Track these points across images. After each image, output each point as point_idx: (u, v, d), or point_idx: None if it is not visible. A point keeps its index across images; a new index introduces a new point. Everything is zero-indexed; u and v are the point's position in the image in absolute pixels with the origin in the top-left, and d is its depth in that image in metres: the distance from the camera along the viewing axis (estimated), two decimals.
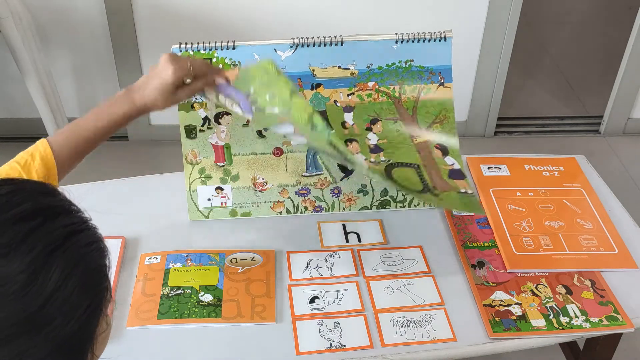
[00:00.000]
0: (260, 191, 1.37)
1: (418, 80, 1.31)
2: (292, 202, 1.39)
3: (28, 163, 1.01)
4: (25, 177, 0.97)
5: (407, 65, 1.30)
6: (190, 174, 1.35)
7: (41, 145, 1.04)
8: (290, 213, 1.39)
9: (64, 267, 0.59)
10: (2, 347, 0.56)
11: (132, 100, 1.09)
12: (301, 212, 1.40)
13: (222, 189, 1.37)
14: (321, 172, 1.38)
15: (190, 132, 1.31)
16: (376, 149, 1.32)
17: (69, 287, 0.59)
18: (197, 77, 1.09)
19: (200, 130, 1.31)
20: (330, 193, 1.39)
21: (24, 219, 0.59)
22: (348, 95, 1.31)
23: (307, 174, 1.38)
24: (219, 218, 1.39)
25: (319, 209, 1.39)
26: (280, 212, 1.39)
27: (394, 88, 1.32)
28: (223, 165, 1.35)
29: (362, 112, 1.32)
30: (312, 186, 1.38)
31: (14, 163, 1.01)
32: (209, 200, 1.37)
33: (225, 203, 1.38)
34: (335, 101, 1.31)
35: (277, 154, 1.35)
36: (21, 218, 0.59)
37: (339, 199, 1.39)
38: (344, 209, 1.41)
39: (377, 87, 1.31)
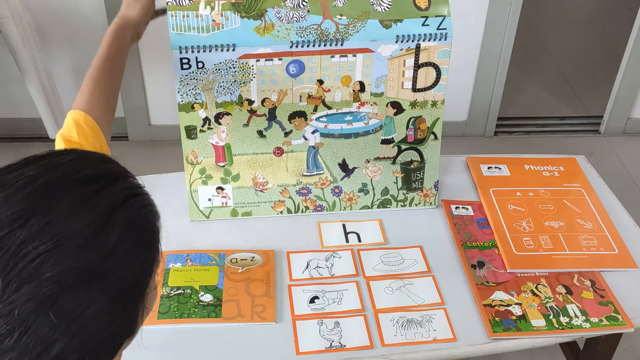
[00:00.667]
0: (260, 191, 1.37)
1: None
2: (293, 201, 1.39)
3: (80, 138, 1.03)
4: None
5: None
6: (191, 174, 1.35)
7: (78, 116, 1.05)
8: (291, 212, 1.40)
9: (123, 225, 0.65)
10: (68, 295, 0.60)
11: (130, 27, 1.18)
12: (302, 212, 1.40)
13: (222, 189, 1.37)
14: (322, 172, 1.38)
15: (191, 132, 1.31)
16: None
17: (127, 242, 0.65)
18: None
19: (201, 131, 1.31)
20: (331, 192, 1.39)
21: (89, 181, 0.65)
22: None
23: (308, 174, 1.38)
24: (219, 218, 1.39)
25: (319, 209, 1.39)
26: (281, 212, 1.39)
27: None
28: (224, 165, 1.35)
29: None
30: (313, 185, 1.38)
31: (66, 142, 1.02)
32: (209, 200, 1.37)
33: (226, 203, 1.38)
34: None
35: (278, 153, 1.35)
36: (86, 181, 0.65)
37: (340, 198, 1.39)
38: (344, 208, 1.41)
39: None
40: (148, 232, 0.70)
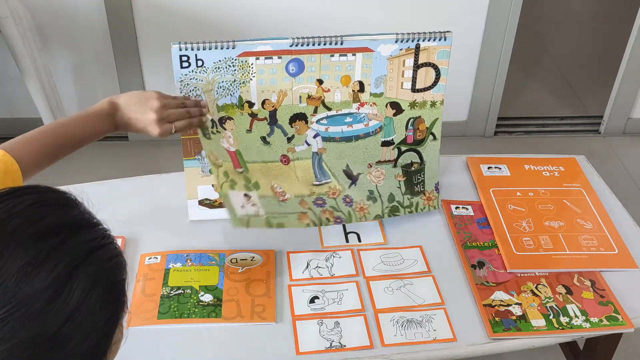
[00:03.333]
0: (282, 201, 1.33)
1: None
2: (314, 213, 1.34)
3: None
4: None
5: None
6: (217, 176, 1.26)
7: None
8: (316, 225, 1.34)
9: (86, 284, 0.59)
10: None
11: (114, 121, 1.13)
12: (324, 225, 1.35)
13: (249, 197, 1.31)
14: (329, 180, 1.36)
15: (205, 132, 1.28)
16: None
17: (90, 303, 0.59)
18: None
19: (212, 132, 1.29)
20: (343, 202, 1.37)
21: (47, 234, 0.59)
22: None
23: (317, 183, 1.37)
24: (257, 227, 1.28)
25: (339, 220, 1.35)
26: (308, 225, 1.32)
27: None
28: (242, 172, 1.31)
29: None
30: (325, 195, 1.35)
31: None
32: (242, 207, 1.28)
33: (258, 212, 1.29)
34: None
35: (285, 162, 1.34)
36: (44, 234, 0.58)
37: (352, 209, 1.36)
38: (359, 219, 1.36)
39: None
40: (113, 287, 0.63)
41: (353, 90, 1.31)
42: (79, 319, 0.58)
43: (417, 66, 1.30)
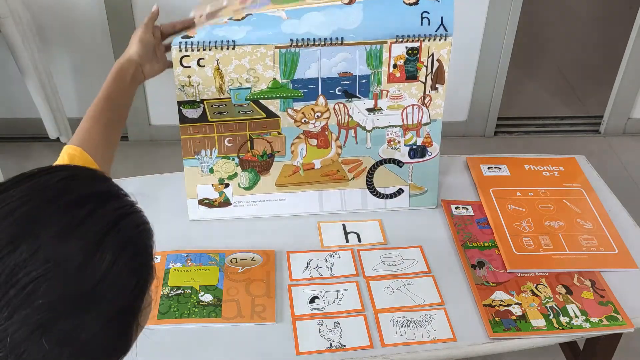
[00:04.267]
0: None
1: None
2: None
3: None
4: None
5: None
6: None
7: (73, 151, 1.03)
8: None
9: (116, 248, 0.63)
10: (60, 321, 0.59)
11: (130, 63, 1.20)
12: None
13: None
14: None
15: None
16: None
17: (120, 266, 0.63)
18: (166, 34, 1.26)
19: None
20: None
21: (80, 203, 0.63)
22: None
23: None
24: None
25: None
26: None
27: None
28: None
29: None
30: None
31: None
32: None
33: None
34: None
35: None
36: (77, 203, 0.63)
37: None
38: None
39: None
40: (141, 252, 0.67)
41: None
42: (111, 280, 0.62)
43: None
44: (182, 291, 1.22)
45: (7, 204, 0.61)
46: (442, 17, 1.26)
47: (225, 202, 1.40)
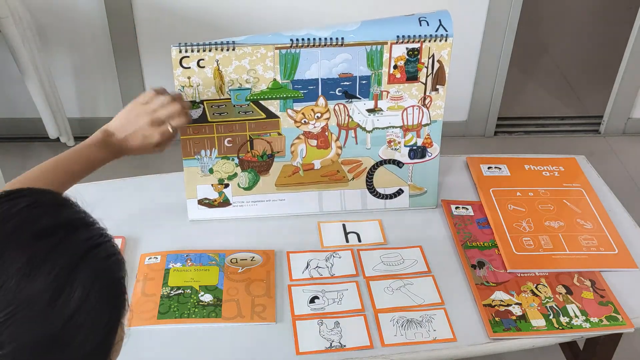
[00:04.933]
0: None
1: None
2: None
3: None
4: None
5: None
6: None
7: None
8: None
9: (86, 283, 0.58)
10: None
11: (112, 148, 1.13)
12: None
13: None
14: None
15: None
16: None
17: (91, 302, 0.58)
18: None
19: None
20: None
21: (44, 235, 0.58)
22: None
23: None
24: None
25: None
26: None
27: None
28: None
29: None
30: None
31: None
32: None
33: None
34: None
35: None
36: (41, 234, 0.58)
37: None
38: None
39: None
40: (113, 285, 0.62)
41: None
42: (81, 318, 0.57)
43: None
44: (182, 291, 1.22)
45: None
46: (440, 20, 1.27)
47: (225, 202, 1.40)
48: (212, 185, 1.38)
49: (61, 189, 1.06)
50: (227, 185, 1.38)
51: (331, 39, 1.26)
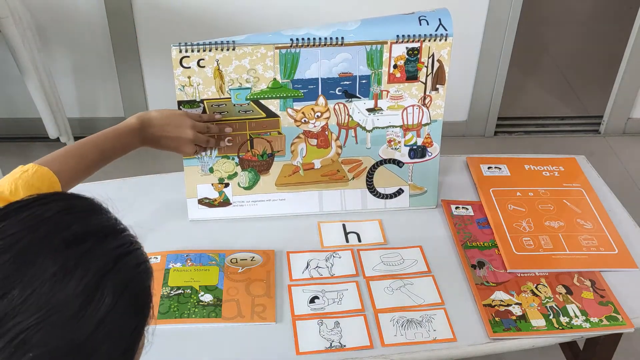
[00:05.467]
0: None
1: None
2: None
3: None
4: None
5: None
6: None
7: (34, 168, 1.01)
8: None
9: (116, 290, 0.58)
10: None
11: (144, 138, 1.21)
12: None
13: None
14: None
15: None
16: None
17: (119, 309, 0.58)
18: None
19: None
20: None
21: (75, 242, 0.58)
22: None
23: None
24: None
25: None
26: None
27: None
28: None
29: None
30: None
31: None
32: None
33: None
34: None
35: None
36: (73, 241, 0.58)
37: None
38: None
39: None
40: (141, 294, 0.63)
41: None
42: (109, 326, 0.57)
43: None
44: (182, 291, 1.22)
45: None
46: (440, 19, 1.27)
47: (225, 202, 1.40)
48: (212, 184, 1.38)
49: (92, 168, 1.13)
50: (227, 185, 1.38)
51: (331, 38, 1.26)
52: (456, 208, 1.43)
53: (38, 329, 0.54)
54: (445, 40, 1.29)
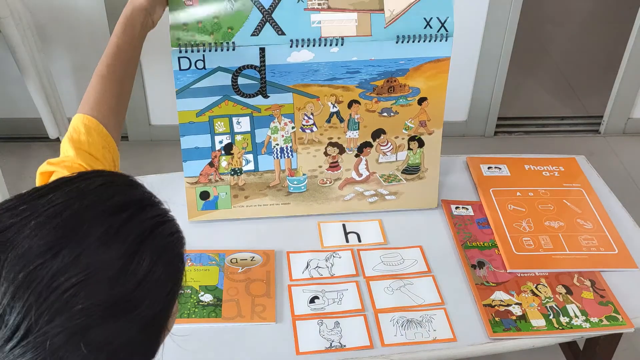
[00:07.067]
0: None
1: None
2: None
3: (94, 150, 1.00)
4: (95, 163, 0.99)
5: None
6: None
7: (89, 122, 1.04)
8: None
9: (152, 255, 0.64)
10: (99, 326, 0.60)
11: (139, 11, 1.16)
12: None
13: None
14: None
15: None
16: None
17: (156, 272, 0.64)
18: None
19: None
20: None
21: (118, 210, 0.64)
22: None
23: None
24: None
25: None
26: None
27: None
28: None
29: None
30: None
31: (81, 154, 0.99)
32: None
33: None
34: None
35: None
36: (115, 209, 0.64)
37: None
38: None
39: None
40: (175, 260, 0.69)
41: None
42: (147, 286, 0.63)
43: None
44: (182, 291, 1.22)
45: (47, 209, 0.62)
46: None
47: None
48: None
49: (128, 81, 1.15)
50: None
51: (331, 42, 1.26)
52: (456, 208, 1.43)
53: (86, 285, 0.59)
54: (446, 40, 1.28)
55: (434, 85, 1.32)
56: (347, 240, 1.36)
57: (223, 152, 1.33)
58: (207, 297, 1.21)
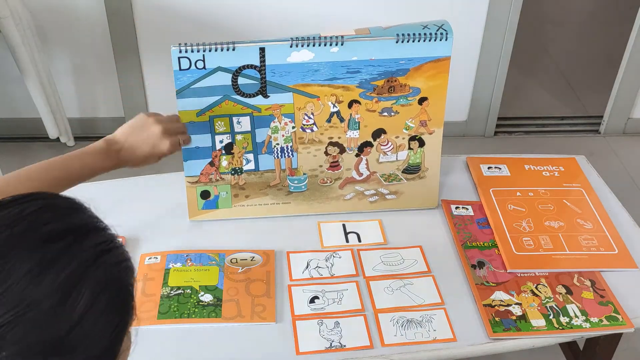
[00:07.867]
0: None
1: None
2: None
3: None
4: None
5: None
6: None
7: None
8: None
9: (94, 289, 0.57)
10: None
11: (114, 157, 1.13)
12: None
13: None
14: None
15: None
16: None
17: (98, 308, 0.58)
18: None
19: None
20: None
21: (54, 238, 0.58)
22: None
23: None
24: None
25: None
26: None
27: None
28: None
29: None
30: None
31: None
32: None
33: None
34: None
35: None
36: (51, 237, 0.58)
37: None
38: None
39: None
40: (122, 293, 0.62)
41: None
42: (87, 325, 0.57)
43: None
44: (182, 291, 1.22)
45: None
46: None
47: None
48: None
49: (55, 188, 1.05)
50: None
51: (331, 42, 1.26)
52: (456, 208, 1.43)
53: (12, 327, 0.53)
54: (446, 40, 1.28)
55: (435, 85, 1.32)
56: (347, 240, 1.36)
57: (223, 151, 1.33)
58: (207, 297, 1.21)
